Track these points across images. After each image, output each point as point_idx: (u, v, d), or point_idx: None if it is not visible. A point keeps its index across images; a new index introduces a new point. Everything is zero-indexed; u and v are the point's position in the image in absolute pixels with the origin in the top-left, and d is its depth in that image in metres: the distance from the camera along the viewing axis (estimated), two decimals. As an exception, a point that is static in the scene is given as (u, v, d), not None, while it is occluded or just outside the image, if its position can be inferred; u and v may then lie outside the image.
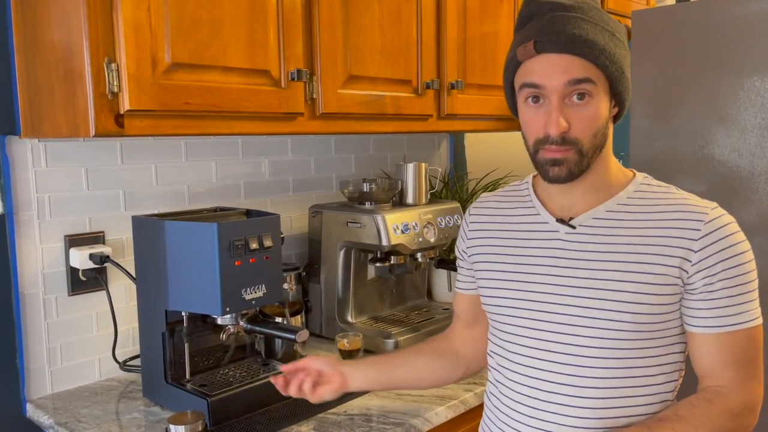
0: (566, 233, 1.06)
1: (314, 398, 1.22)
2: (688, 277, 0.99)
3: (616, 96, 1.02)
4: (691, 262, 0.98)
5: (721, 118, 1.80)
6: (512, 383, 1.09)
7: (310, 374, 1.22)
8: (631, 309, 0.99)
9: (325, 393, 1.22)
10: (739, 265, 0.98)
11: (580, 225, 1.06)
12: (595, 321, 1.01)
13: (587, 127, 0.99)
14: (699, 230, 0.98)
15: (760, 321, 1.00)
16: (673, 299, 1.00)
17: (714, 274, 0.98)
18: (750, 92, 1.75)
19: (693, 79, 1.85)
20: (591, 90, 0.98)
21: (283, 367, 1.25)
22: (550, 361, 1.04)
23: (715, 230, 0.98)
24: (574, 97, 0.98)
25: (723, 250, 0.98)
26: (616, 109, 1.05)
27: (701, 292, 0.99)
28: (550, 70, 0.98)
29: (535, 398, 1.06)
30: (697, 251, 0.98)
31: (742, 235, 1.00)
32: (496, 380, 1.14)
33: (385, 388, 1.39)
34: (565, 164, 1.00)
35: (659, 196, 1.05)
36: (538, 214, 1.11)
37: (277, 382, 1.23)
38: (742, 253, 0.99)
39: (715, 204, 1.02)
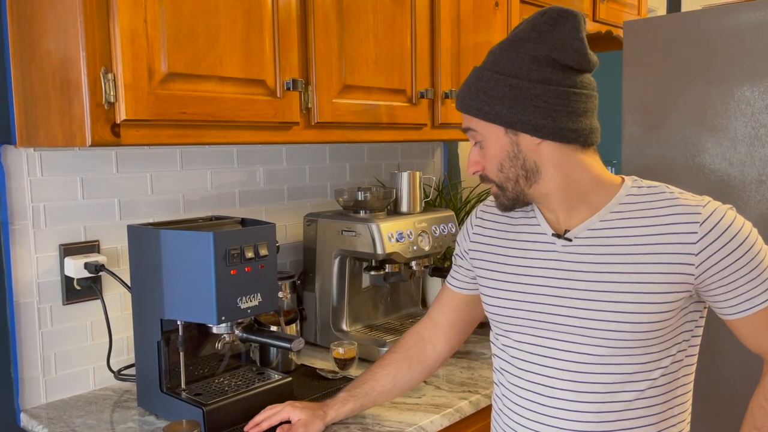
0: (563, 246, 1.08)
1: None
2: (695, 278, 1.00)
3: (516, 130, 1.03)
4: (693, 265, 0.99)
5: (712, 127, 1.82)
6: (515, 387, 1.12)
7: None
8: (630, 318, 1.00)
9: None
10: (747, 250, 0.99)
11: (575, 237, 1.07)
12: (595, 331, 1.02)
13: (490, 164, 1.08)
14: (696, 233, 0.99)
15: None
16: (676, 305, 1.01)
17: (724, 268, 0.98)
18: (740, 102, 1.77)
19: (684, 88, 1.87)
20: (477, 136, 1.08)
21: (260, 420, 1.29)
22: (552, 368, 1.07)
23: (712, 229, 0.98)
24: (473, 142, 1.10)
25: (725, 245, 0.98)
26: (538, 139, 1.03)
27: (718, 286, 1.00)
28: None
29: (538, 403, 1.08)
30: (698, 254, 0.99)
31: (739, 220, 1.00)
32: (500, 382, 1.18)
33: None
34: (498, 198, 1.12)
35: (650, 198, 1.05)
36: (539, 225, 1.13)
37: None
38: (745, 238, 0.99)
39: (707, 199, 1.03)
